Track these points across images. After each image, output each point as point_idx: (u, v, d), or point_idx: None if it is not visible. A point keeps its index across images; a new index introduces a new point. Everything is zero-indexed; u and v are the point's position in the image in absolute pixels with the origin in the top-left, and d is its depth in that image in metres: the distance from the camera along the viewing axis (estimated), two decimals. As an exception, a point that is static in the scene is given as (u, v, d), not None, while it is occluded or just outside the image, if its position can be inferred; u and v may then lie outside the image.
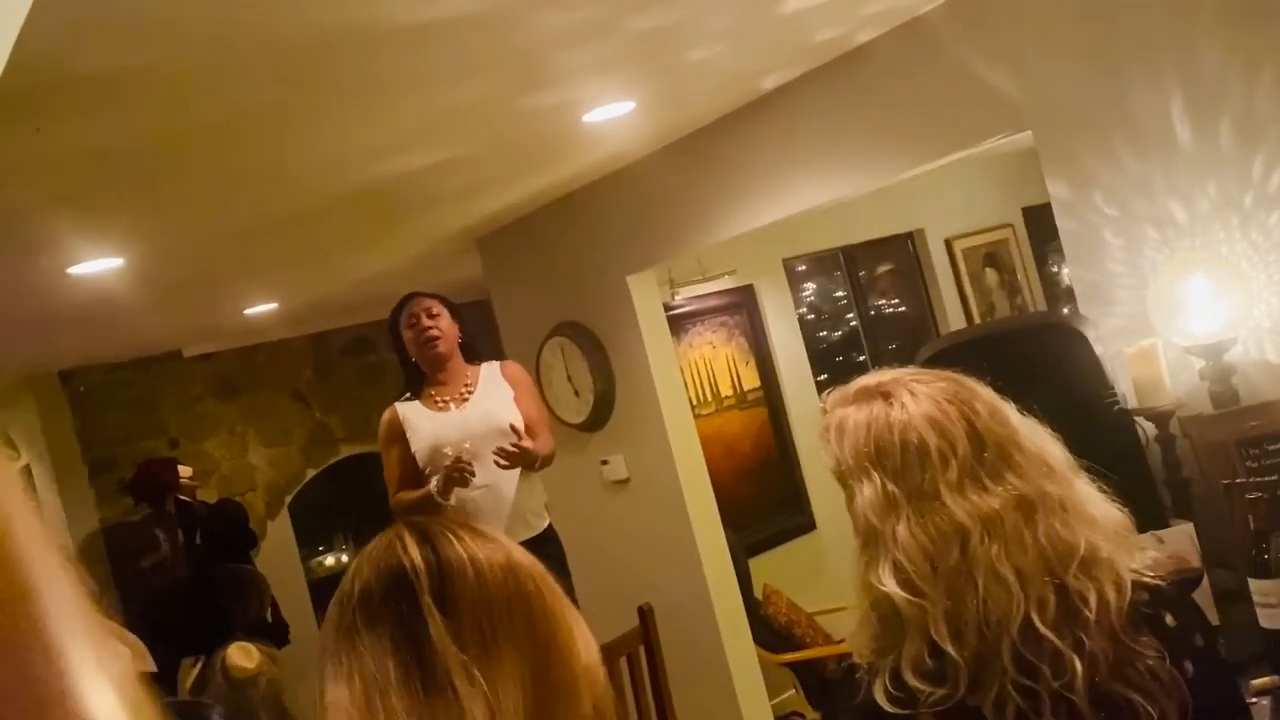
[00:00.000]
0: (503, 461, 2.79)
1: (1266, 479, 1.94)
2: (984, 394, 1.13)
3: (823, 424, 1.18)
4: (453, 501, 2.79)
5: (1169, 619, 1.07)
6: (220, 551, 4.54)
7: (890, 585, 1.04)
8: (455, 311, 3.06)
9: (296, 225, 3.19)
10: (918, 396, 1.11)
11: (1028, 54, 2.42)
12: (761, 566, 4.45)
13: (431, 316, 2.98)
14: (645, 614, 2.62)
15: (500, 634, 0.69)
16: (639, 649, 2.60)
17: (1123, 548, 1.08)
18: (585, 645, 0.75)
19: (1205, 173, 2.19)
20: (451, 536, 0.74)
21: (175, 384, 5.30)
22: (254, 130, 2.23)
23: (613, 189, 3.59)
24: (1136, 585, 1.07)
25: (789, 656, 3.96)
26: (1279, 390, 2.11)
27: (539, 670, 0.69)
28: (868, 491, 1.09)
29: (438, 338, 2.97)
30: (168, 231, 2.93)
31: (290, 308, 4.75)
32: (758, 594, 4.25)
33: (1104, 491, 1.12)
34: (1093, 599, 1.02)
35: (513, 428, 2.83)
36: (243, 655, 3.64)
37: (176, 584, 4.40)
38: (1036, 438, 1.12)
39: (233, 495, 5.20)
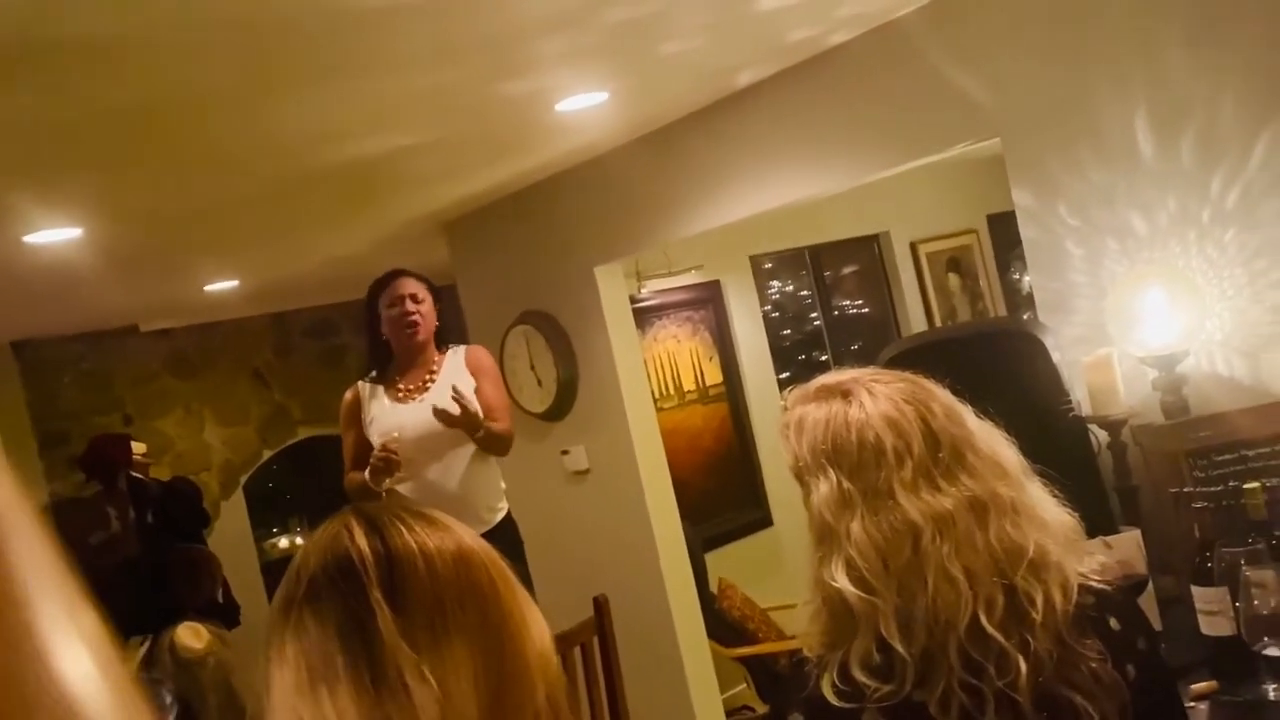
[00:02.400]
0: (441, 420, 2.73)
1: (1213, 489, 1.98)
2: (941, 396, 1.15)
3: (783, 421, 1.19)
4: (385, 490, 2.78)
5: (1113, 623, 1.09)
6: (172, 531, 4.48)
7: (842, 581, 1.06)
8: (437, 295, 3.02)
9: (261, 203, 3.15)
10: (876, 396, 1.13)
11: (998, 62, 2.45)
12: (718, 560, 4.48)
13: (416, 301, 2.93)
14: (600, 604, 2.63)
15: (452, 627, 0.68)
16: (593, 639, 2.60)
17: (1071, 551, 1.10)
18: (539, 634, 0.74)
19: (1166, 187, 2.23)
20: (401, 525, 0.72)
21: (131, 359, 5.22)
22: (220, 107, 2.19)
23: (583, 179, 3.58)
24: (1083, 589, 1.09)
25: (741, 651, 3.99)
26: (1229, 403, 2.15)
27: (491, 661, 0.68)
28: (824, 488, 1.10)
29: (418, 324, 2.92)
30: (128, 204, 2.88)
31: (252, 286, 4.69)
32: (713, 588, 4.28)
33: (1055, 496, 1.14)
34: (1040, 600, 1.04)
35: (455, 389, 2.76)
36: (192, 635, 3.60)
37: (126, 562, 4.33)
38: (991, 440, 1.13)
39: (187, 474, 5.13)
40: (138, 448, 4.72)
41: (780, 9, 2.34)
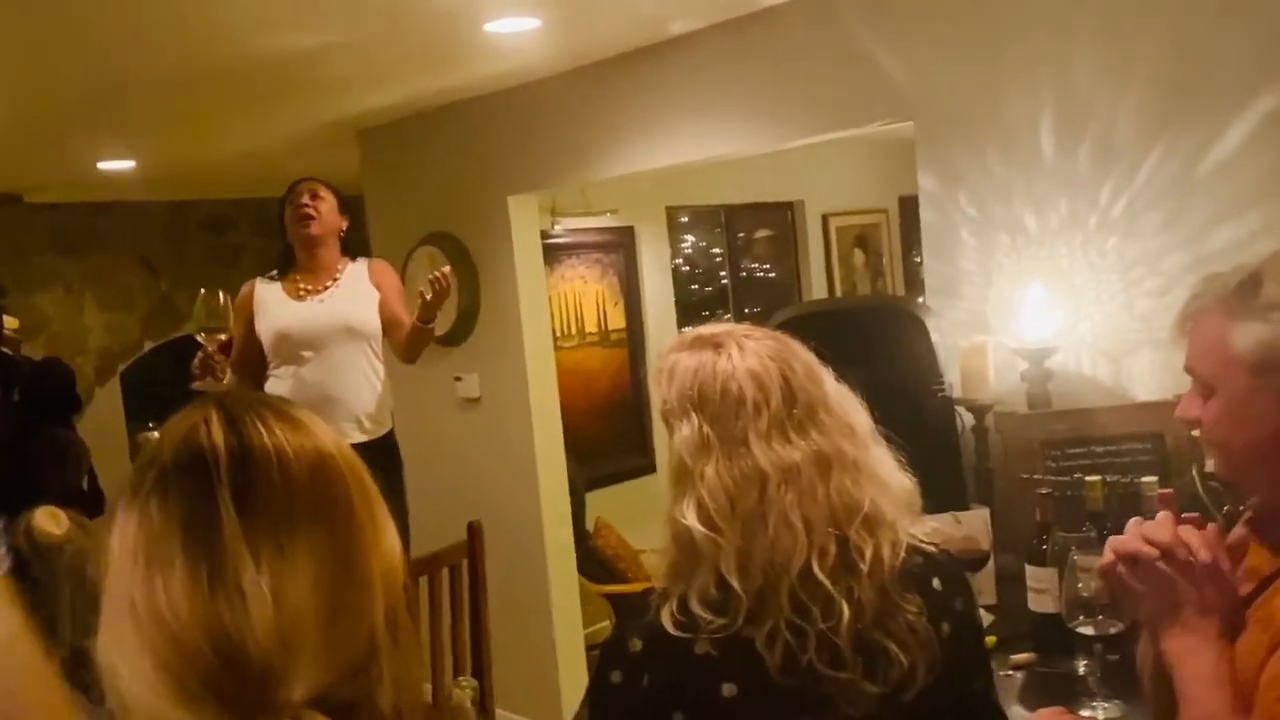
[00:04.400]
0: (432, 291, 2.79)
1: (1060, 479, 2.11)
2: (804, 356, 1.21)
3: (656, 366, 1.24)
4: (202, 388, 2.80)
5: (936, 583, 1.18)
6: (40, 412, 4.31)
7: (691, 519, 1.11)
8: (345, 205, 3.08)
9: (167, 88, 3.02)
10: (744, 351, 1.18)
11: (919, 47, 2.51)
12: (598, 500, 4.55)
13: (314, 198, 2.99)
14: (474, 529, 2.66)
15: (299, 535, 0.67)
16: (463, 562, 2.64)
17: (906, 514, 1.18)
18: (388, 549, 0.73)
19: (1060, 190, 2.33)
20: (261, 425, 0.70)
21: (11, 230, 4.96)
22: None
23: (506, 105, 3.53)
24: (912, 549, 1.17)
25: (609, 588, 4.09)
26: (1088, 400, 2.29)
27: (334, 572, 0.67)
28: (686, 431, 1.16)
29: (312, 217, 2.97)
30: (21, 68, 2.72)
31: (149, 169, 4.49)
32: (589, 525, 4.35)
33: (900, 462, 1.22)
34: (869, 553, 1.11)
35: (440, 272, 2.82)
36: (50, 520, 3.49)
37: (-13, 439, 4.17)
38: (844, 403, 1.20)
39: (61, 356, 4.93)
40: (9, 322, 4.51)
41: (720, -39, 2.34)
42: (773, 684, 1.09)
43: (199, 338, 2.77)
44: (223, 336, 2.76)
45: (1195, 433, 1.24)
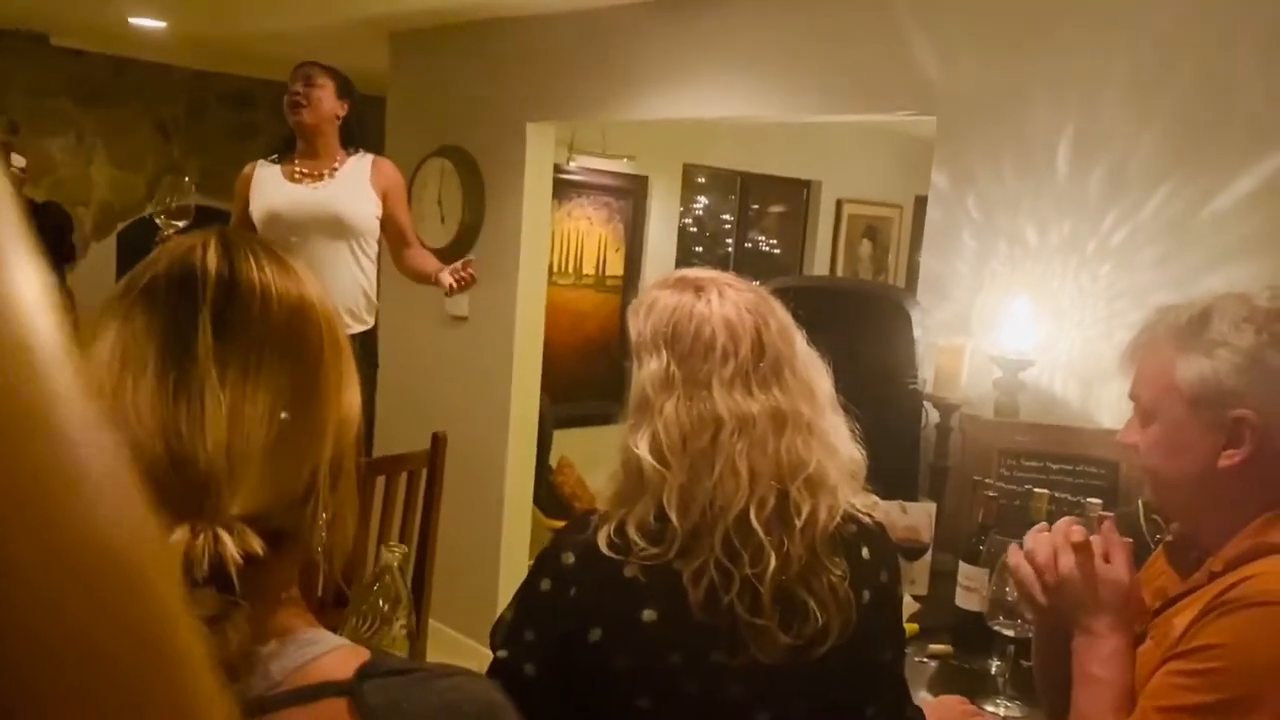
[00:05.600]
0: (455, 287, 2.80)
1: (1010, 487, 2.16)
2: (780, 314, 1.24)
3: (638, 300, 1.27)
4: None
5: (865, 551, 1.22)
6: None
7: (643, 450, 1.15)
8: (345, 90, 3.03)
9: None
10: (724, 298, 1.21)
11: (956, 43, 2.52)
12: (566, 439, 4.61)
13: (309, 84, 2.96)
14: (438, 440, 2.70)
15: (265, 367, 0.70)
16: (422, 470, 2.68)
17: (849, 483, 1.22)
18: (347, 403, 0.76)
19: (1066, 210, 2.36)
20: (253, 260, 0.74)
21: (32, 69, 4.93)
22: None
23: (541, 30, 3.52)
24: (849, 516, 1.21)
25: (561, 523, 4.14)
26: (1053, 418, 2.33)
27: (291, 407, 0.71)
28: (653, 366, 1.19)
29: (302, 105, 2.96)
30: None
31: (179, 33, 4.47)
32: (552, 462, 4.41)
33: (854, 434, 1.25)
34: (805, 511, 1.15)
35: (464, 267, 2.81)
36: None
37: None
38: (810, 366, 1.23)
39: (63, 202, 4.93)
40: (16, 160, 4.51)
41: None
42: (691, 617, 1.13)
43: (158, 220, 2.76)
44: (180, 224, 2.74)
45: (1135, 464, 1.29)
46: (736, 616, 1.14)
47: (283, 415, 0.70)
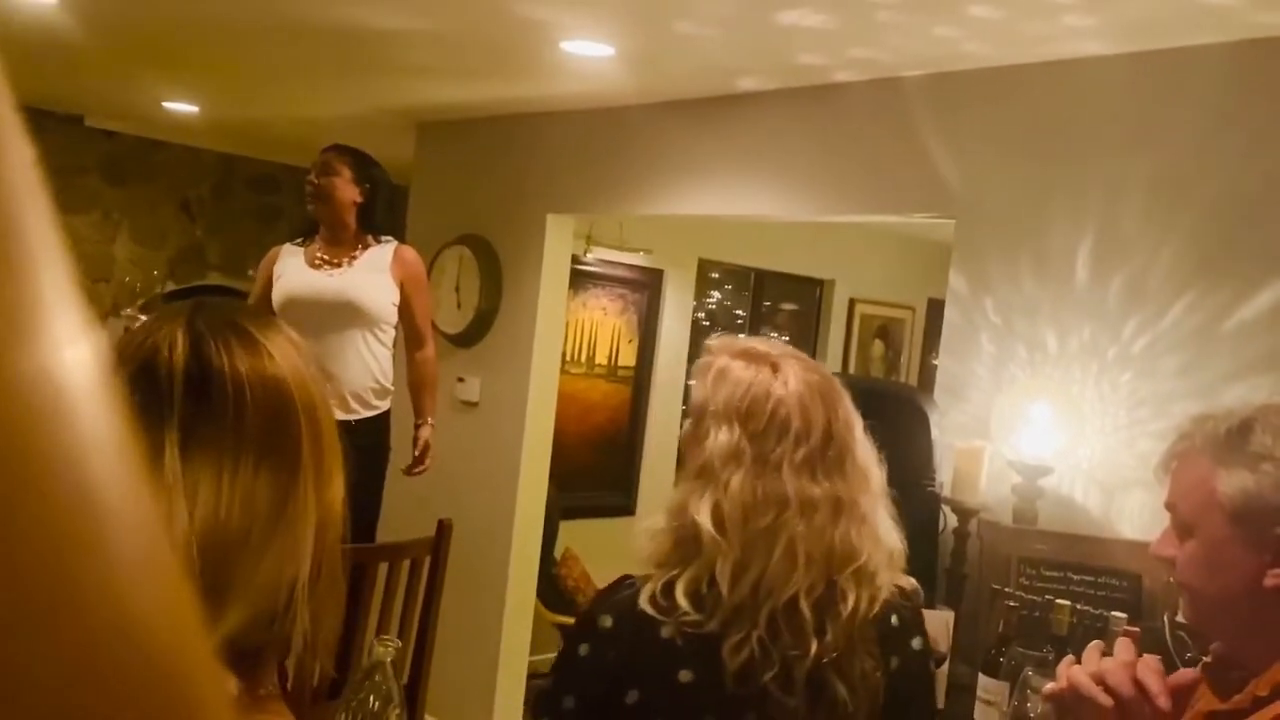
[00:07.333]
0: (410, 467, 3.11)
1: (1031, 597, 2.10)
2: (847, 401, 1.26)
3: (705, 361, 1.28)
4: None
5: (894, 620, 1.23)
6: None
7: (704, 516, 1.16)
8: (364, 174, 3.05)
9: (243, 38, 3.08)
10: (798, 379, 1.23)
11: (976, 149, 2.54)
12: (571, 531, 4.53)
13: (324, 173, 3.01)
14: (443, 527, 2.65)
15: (239, 485, 0.66)
16: (426, 558, 2.63)
17: (890, 569, 1.24)
18: (329, 501, 0.72)
19: (1086, 316, 2.34)
20: (225, 354, 0.69)
21: (66, 149, 5.04)
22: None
23: (565, 125, 3.59)
24: (885, 602, 1.22)
25: (564, 619, 4.05)
26: (1074, 526, 2.28)
27: (270, 527, 0.67)
28: (723, 438, 1.19)
29: (316, 196, 3.02)
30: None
31: (211, 119, 4.58)
32: (557, 553, 4.33)
33: (895, 521, 1.27)
34: (850, 600, 1.16)
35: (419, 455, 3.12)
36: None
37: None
38: (869, 456, 1.26)
39: (84, 279, 4.98)
40: (42, 235, 4.57)
41: (799, 28, 2.39)
42: (724, 686, 1.14)
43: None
44: (143, 317, 2.83)
45: (1171, 579, 1.24)
46: (768, 692, 1.15)
47: (257, 537, 0.65)
